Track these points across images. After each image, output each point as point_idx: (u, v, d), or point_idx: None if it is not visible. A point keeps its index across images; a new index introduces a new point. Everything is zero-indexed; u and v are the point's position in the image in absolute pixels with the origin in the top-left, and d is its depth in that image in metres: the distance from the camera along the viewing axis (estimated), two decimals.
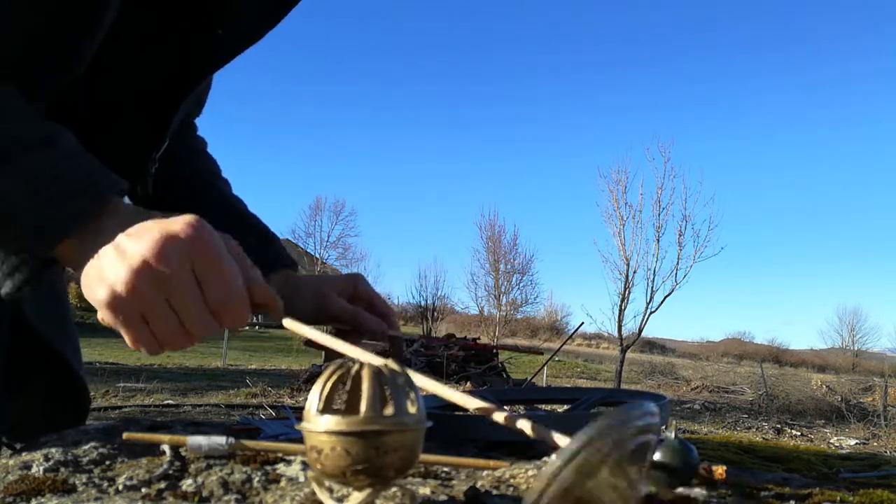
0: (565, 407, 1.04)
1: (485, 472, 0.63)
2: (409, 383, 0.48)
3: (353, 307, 0.88)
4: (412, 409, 0.46)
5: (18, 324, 0.90)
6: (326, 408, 0.47)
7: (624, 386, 13.16)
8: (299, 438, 0.48)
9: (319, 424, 0.45)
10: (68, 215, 0.57)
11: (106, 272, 0.54)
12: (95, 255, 0.56)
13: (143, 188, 0.89)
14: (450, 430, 0.79)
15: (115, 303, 0.54)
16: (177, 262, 0.54)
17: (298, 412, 0.63)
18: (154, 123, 0.84)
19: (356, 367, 0.48)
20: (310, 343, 0.95)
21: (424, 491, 0.56)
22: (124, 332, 0.56)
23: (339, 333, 0.89)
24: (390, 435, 0.45)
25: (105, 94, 0.79)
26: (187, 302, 0.55)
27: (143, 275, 0.53)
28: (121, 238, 0.55)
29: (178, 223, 0.55)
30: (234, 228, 0.99)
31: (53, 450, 0.65)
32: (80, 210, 0.58)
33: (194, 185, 1.02)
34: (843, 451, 1.13)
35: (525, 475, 0.61)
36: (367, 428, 0.44)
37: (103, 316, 0.55)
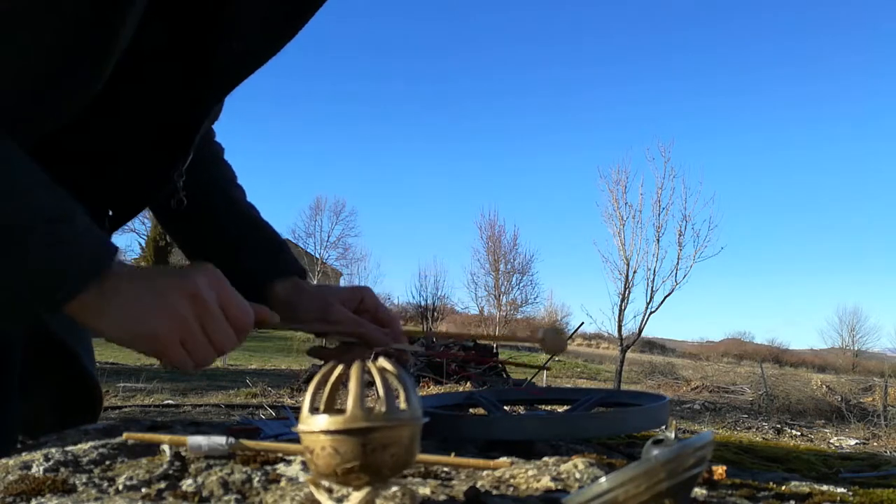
0: (565, 407, 1.04)
1: (485, 472, 0.63)
2: (402, 381, 0.48)
3: (357, 318, 0.88)
4: (403, 406, 0.46)
5: (35, 324, 0.91)
6: (324, 408, 0.47)
7: (624, 386, 13.15)
8: (299, 438, 0.49)
9: (310, 424, 0.46)
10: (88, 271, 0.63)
11: (155, 309, 0.65)
12: (128, 301, 0.65)
13: (177, 201, 0.90)
14: (450, 430, 0.79)
15: (163, 332, 0.66)
16: (211, 296, 0.68)
17: (298, 412, 0.63)
18: (177, 139, 0.84)
19: (349, 366, 0.48)
20: (312, 351, 0.95)
21: (424, 491, 0.56)
22: (168, 355, 0.68)
23: (344, 346, 0.89)
24: (379, 432, 0.45)
25: (127, 112, 0.79)
26: (220, 325, 0.69)
27: (189, 307, 0.67)
28: (160, 283, 0.67)
29: (202, 268, 0.70)
30: (246, 236, 1.00)
31: (53, 450, 0.65)
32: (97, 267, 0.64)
33: (210, 192, 1.02)
34: (843, 451, 1.13)
35: (525, 475, 0.61)
36: (353, 426, 0.45)
37: (145, 347, 0.67)
